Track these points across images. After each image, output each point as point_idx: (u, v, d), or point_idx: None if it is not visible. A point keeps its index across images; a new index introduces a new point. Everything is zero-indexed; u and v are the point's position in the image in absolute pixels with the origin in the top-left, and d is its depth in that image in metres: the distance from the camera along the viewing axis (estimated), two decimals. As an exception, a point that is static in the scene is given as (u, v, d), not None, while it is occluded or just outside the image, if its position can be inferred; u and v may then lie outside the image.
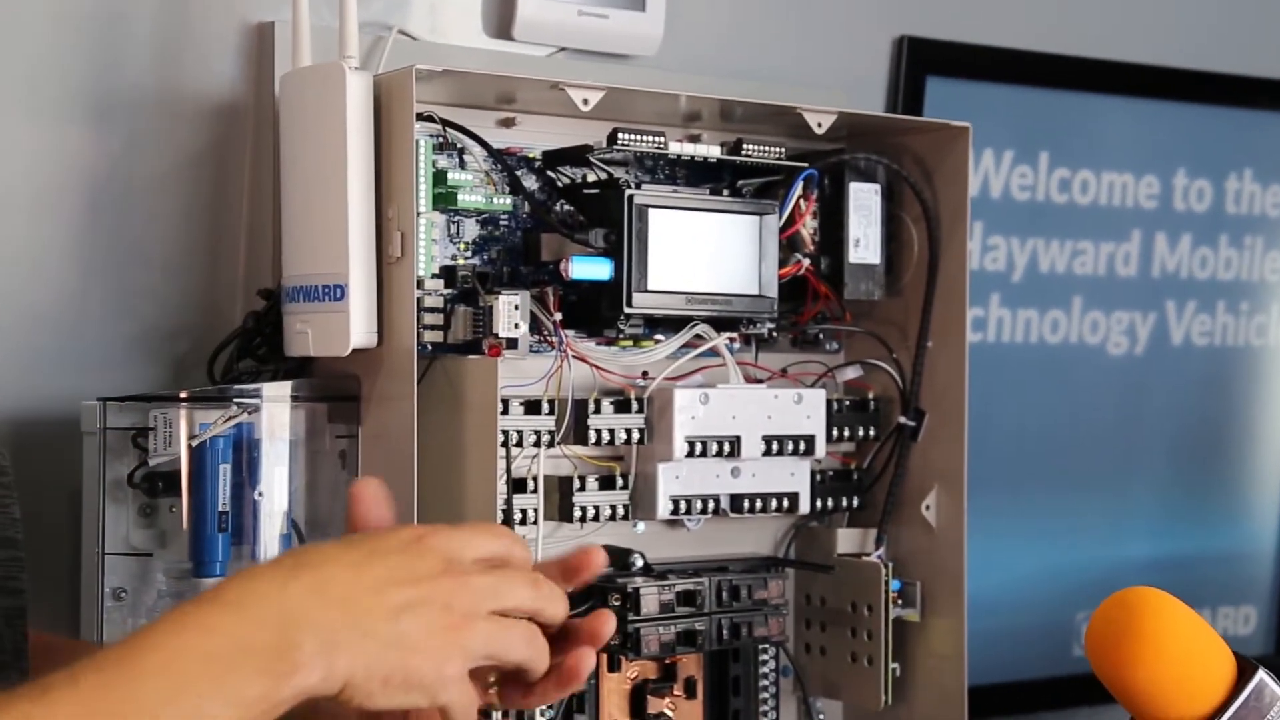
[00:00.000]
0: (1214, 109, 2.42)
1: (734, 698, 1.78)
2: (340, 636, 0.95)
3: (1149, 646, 1.09)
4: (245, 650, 0.93)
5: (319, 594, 0.97)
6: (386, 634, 0.97)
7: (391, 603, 0.98)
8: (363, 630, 0.96)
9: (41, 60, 1.61)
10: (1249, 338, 2.51)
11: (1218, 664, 1.10)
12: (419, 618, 0.98)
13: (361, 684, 0.95)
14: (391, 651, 0.97)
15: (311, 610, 0.96)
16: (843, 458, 1.84)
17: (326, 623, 0.95)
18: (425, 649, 0.97)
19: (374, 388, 1.56)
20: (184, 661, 0.92)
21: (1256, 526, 2.55)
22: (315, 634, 0.94)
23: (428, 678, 0.97)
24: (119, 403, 1.55)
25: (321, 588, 0.97)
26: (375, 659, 0.96)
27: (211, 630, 0.94)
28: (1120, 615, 1.11)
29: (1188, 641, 1.10)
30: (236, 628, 0.94)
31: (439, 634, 0.98)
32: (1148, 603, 1.11)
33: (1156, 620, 1.10)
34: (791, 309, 1.78)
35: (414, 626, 0.98)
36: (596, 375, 1.66)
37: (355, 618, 0.97)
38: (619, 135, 1.61)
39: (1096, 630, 1.12)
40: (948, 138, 1.79)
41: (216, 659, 0.93)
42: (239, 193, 1.69)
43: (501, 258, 1.64)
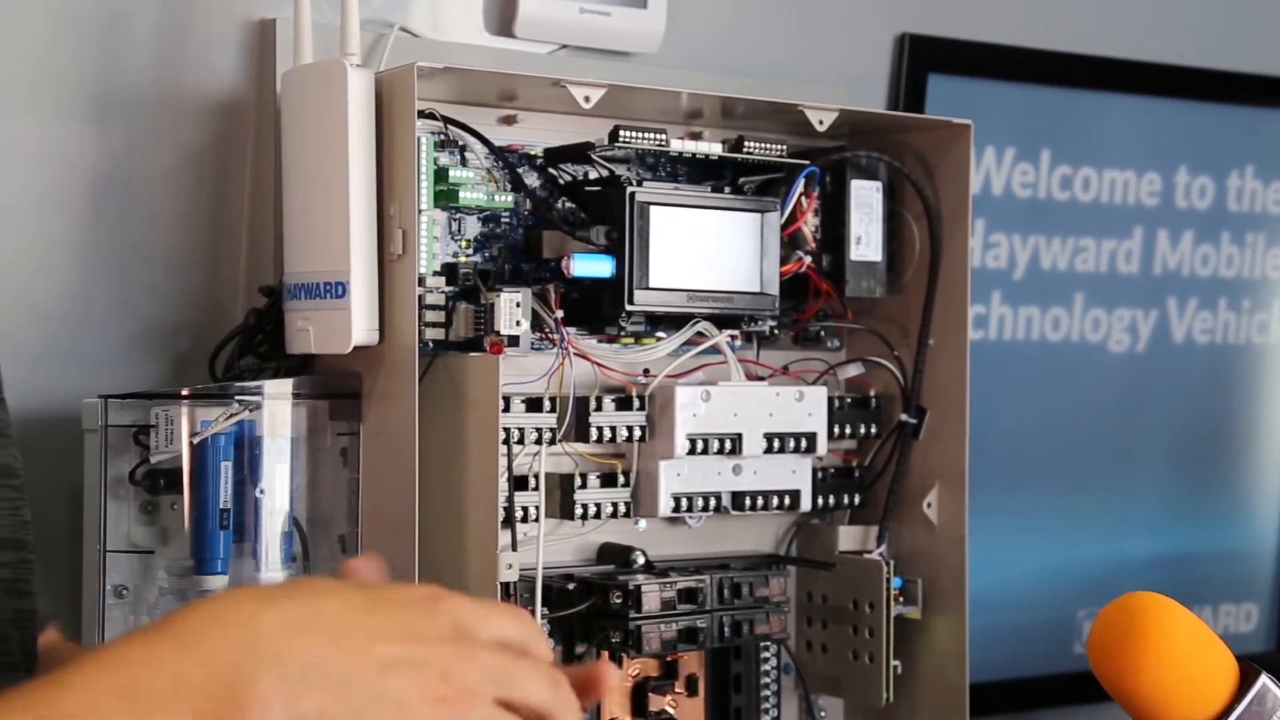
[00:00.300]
0: (1215, 106, 2.42)
1: (735, 695, 1.78)
2: (312, 676, 0.83)
3: (1151, 652, 1.09)
4: (184, 688, 0.81)
5: (295, 627, 0.85)
6: (369, 687, 0.84)
7: (382, 655, 0.86)
8: (342, 676, 0.84)
9: (43, 58, 1.61)
10: (1250, 335, 2.51)
11: (1220, 669, 1.10)
12: (411, 679, 0.85)
13: None
14: (372, 709, 0.84)
15: (281, 642, 0.84)
16: (844, 455, 1.84)
17: (296, 656, 0.83)
18: (412, 715, 0.85)
19: (375, 385, 1.56)
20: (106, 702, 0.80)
21: (1258, 524, 2.55)
22: (278, 668, 0.82)
23: None
24: (120, 400, 1.55)
25: (301, 621, 0.86)
26: (351, 712, 0.83)
27: (149, 663, 0.82)
28: (1122, 620, 1.11)
29: (1190, 646, 1.10)
30: (180, 660, 0.82)
31: (431, 703, 0.85)
32: (1150, 608, 1.11)
33: (1159, 625, 1.10)
34: (793, 306, 1.78)
35: (403, 687, 0.85)
36: (598, 373, 1.66)
37: (334, 659, 0.84)
38: (620, 132, 1.61)
39: (1099, 636, 1.12)
40: (949, 135, 1.79)
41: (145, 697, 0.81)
42: (240, 190, 1.69)
43: (503, 255, 1.64)
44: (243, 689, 0.81)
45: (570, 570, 1.67)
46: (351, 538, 1.58)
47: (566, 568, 1.68)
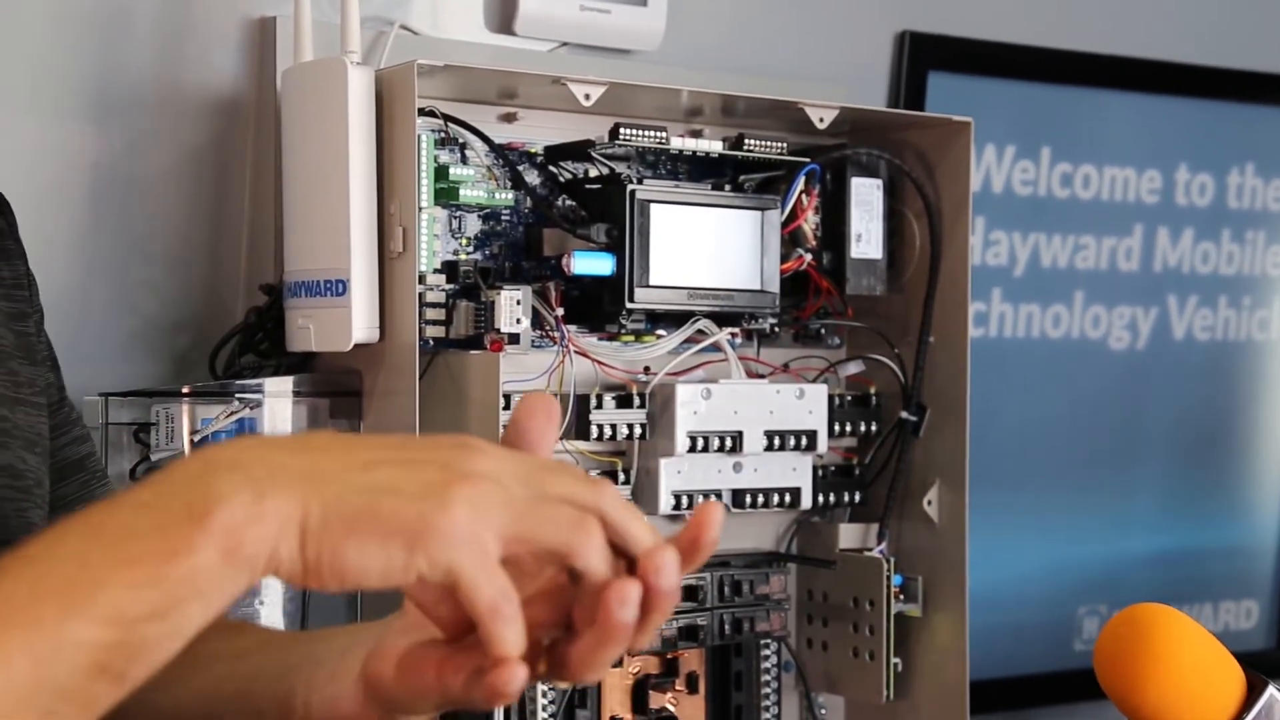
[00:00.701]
0: (1216, 104, 2.42)
1: (736, 693, 1.78)
2: (280, 475, 0.74)
3: (1159, 665, 1.09)
4: (148, 506, 0.74)
5: (266, 443, 0.79)
6: (351, 481, 0.75)
7: (369, 458, 0.76)
8: (316, 474, 0.75)
9: (43, 56, 1.61)
10: (1250, 332, 2.51)
11: (1227, 680, 1.10)
12: (403, 470, 0.76)
13: (317, 531, 0.73)
14: (360, 494, 0.74)
15: (246, 453, 0.76)
16: (844, 453, 1.84)
17: (264, 461, 0.75)
18: (408, 493, 0.74)
19: (376, 383, 1.56)
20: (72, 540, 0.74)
21: (1258, 521, 2.55)
22: (241, 470, 0.74)
23: (411, 522, 0.74)
24: (121, 398, 1.55)
25: (274, 440, 0.80)
26: (336, 498, 0.74)
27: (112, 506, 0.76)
28: (1129, 633, 1.11)
29: (1197, 658, 1.10)
30: (140, 493, 0.75)
31: (433, 485, 0.75)
32: (1157, 620, 1.11)
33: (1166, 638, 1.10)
34: (793, 304, 1.78)
35: (392, 475, 0.75)
36: (598, 370, 1.66)
37: (309, 461, 0.76)
38: (621, 130, 1.61)
39: (1105, 649, 1.12)
40: (949, 133, 1.79)
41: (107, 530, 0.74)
42: (241, 188, 1.69)
43: (503, 253, 1.64)
44: (203, 494, 0.73)
45: (571, 568, 1.67)
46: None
47: (567, 565, 1.67)
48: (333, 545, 0.74)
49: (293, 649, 0.97)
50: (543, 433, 0.84)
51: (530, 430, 0.84)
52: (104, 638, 0.72)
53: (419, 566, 0.74)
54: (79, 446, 1.17)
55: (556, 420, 0.85)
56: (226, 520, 0.73)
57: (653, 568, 0.77)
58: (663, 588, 0.78)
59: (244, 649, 1.00)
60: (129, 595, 0.72)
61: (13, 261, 1.16)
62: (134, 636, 0.72)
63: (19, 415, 1.08)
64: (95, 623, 0.72)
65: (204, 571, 0.73)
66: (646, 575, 0.77)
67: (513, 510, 0.75)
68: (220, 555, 0.73)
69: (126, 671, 0.73)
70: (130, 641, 0.72)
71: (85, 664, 0.72)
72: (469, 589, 0.74)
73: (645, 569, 0.77)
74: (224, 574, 0.73)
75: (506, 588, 0.75)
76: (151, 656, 0.73)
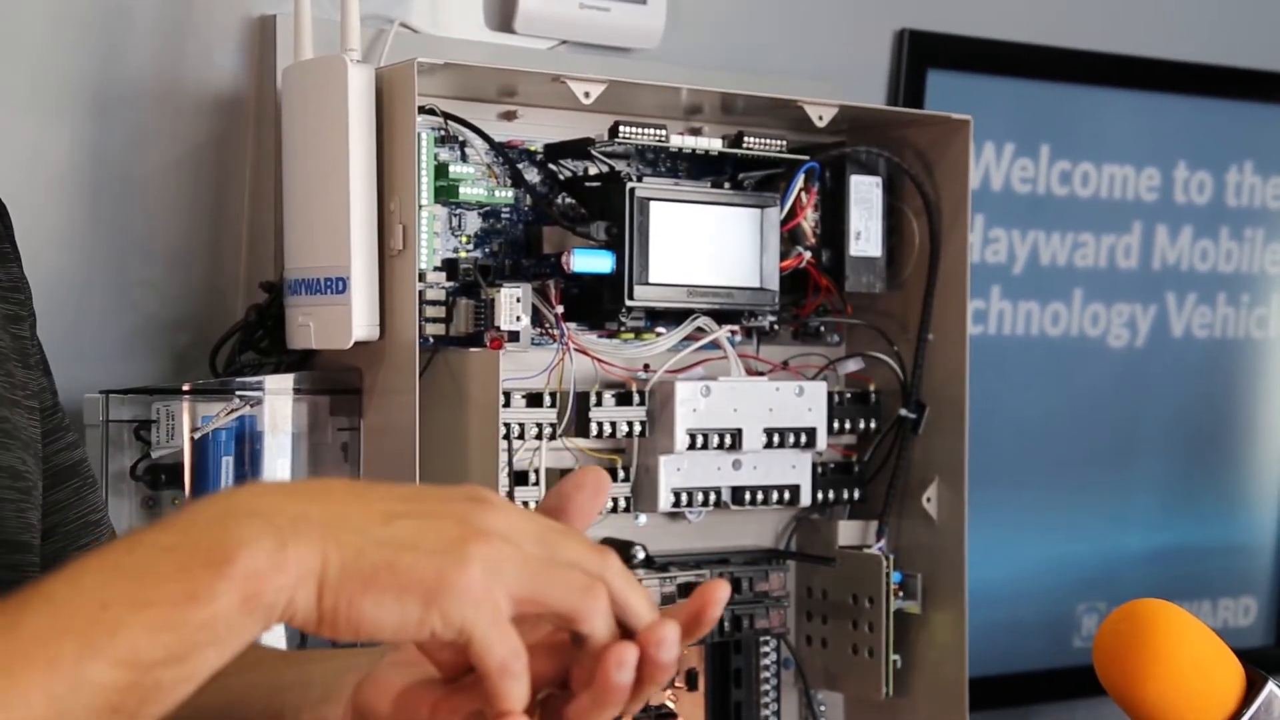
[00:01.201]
0: (1215, 101, 2.42)
1: (735, 690, 1.78)
2: (302, 525, 0.75)
3: (1158, 661, 1.09)
4: (169, 549, 0.74)
5: (289, 491, 0.79)
6: (371, 534, 0.76)
7: (388, 509, 0.77)
8: (337, 524, 0.76)
9: (43, 54, 1.61)
10: (1249, 330, 2.51)
11: (1226, 676, 1.10)
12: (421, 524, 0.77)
13: (335, 583, 0.74)
14: (379, 548, 0.75)
15: (270, 500, 0.76)
16: (844, 450, 1.85)
17: (287, 510, 0.75)
18: (425, 548, 0.75)
19: (376, 380, 1.56)
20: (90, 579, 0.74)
21: (1257, 518, 2.55)
22: (264, 518, 0.75)
23: (428, 579, 0.74)
24: (121, 395, 1.55)
25: (298, 488, 0.80)
26: (355, 551, 0.75)
27: (133, 544, 0.76)
28: (1128, 629, 1.11)
29: (1196, 654, 1.10)
30: (161, 535, 0.76)
31: (450, 541, 0.76)
32: (1156, 615, 1.11)
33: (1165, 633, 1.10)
34: (793, 302, 1.78)
35: (412, 530, 0.76)
36: (598, 368, 1.66)
37: (330, 512, 0.76)
38: (620, 128, 1.61)
39: (1104, 644, 1.12)
40: (949, 131, 1.79)
41: (127, 570, 0.74)
42: (241, 186, 1.69)
43: (503, 250, 1.64)
44: (225, 540, 0.74)
45: (570, 565, 1.67)
46: (352, 533, 1.58)
47: (567, 563, 1.67)
48: (349, 598, 0.74)
49: (285, 668, 0.98)
50: (586, 508, 0.85)
51: (574, 502, 0.85)
52: (119, 680, 0.72)
53: (433, 623, 0.75)
54: (72, 452, 1.17)
55: (602, 500, 0.86)
56: (249, 567, 0.73)
57: (654, 640, 0.79)
58: (661, 660, 0.79)
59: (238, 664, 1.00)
60: (146, 638, 0.73)
61: (8, 265, 1.15)
62: (148, 679, 0.73)
63: (18, 417, 1.08)
64: (112, 665, 0.72)
65: (223, 618, 0.73)
66: (647, 647, 0.79)
67: (526, 570, 0.77)
68: (240, 602, 0.73)
69: (139, 712, 0.74)
70: (144, 684, 0.73)
71: (100, 705, 0.72)
72: (481, 647, 0.75)
73: (646, 641, 0.79)
74: (241, 621, 0.74)
75: (517, 647, 0.76)
76: (164, 699, 0.74)
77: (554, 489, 0.86)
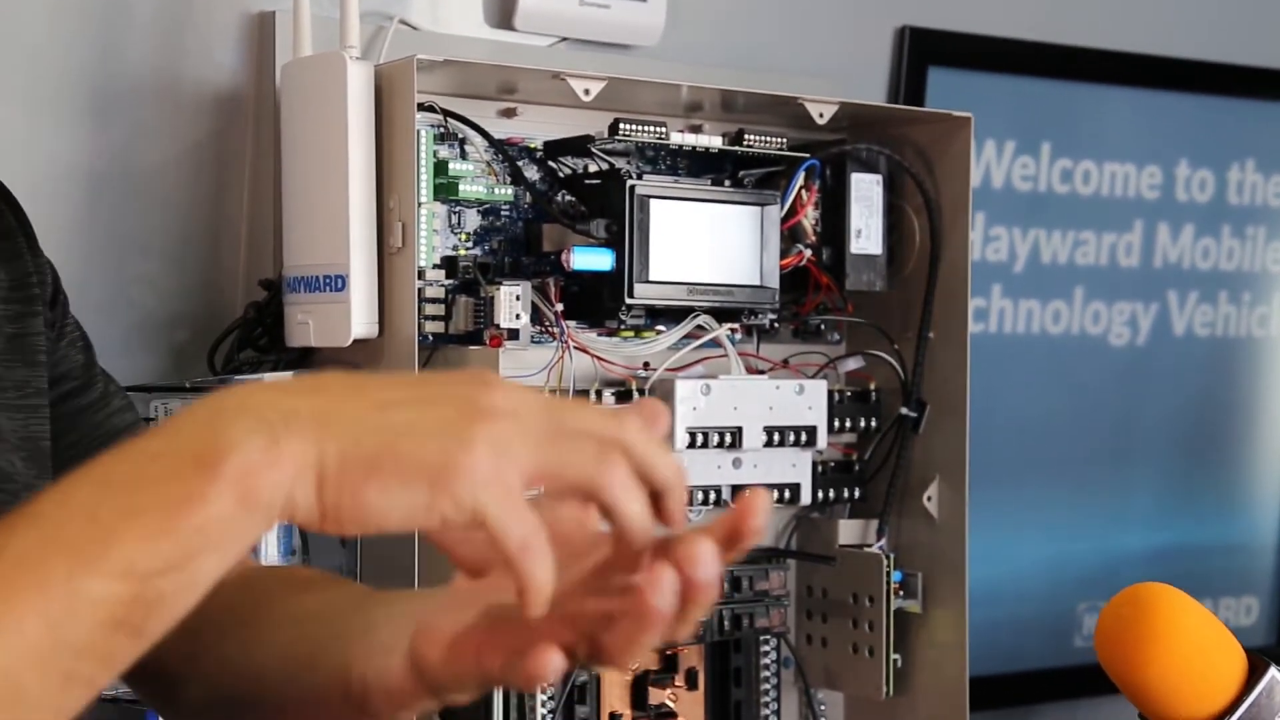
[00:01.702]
0: (1216, 99, 2.41)
1: (735, 689, 1.78)
2: (295, 419, 0.72)
3: (1160, 644, 1.09)
4: (158, 454, 0.72)
5: (282, 387, 0.75)
6: (367, 421, 0.73)
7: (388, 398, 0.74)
8: (332, 415, 0.73)
9: (42, 49, 1.61)
10: (1251, 328, 2.51)
11: (1229, 661, 1.10)
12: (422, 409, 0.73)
13: (335, 474, 0.71)
14: (378, 435, 0.72)
15: (262, 396, 0.74)
16: (844, 449, 1.84)
17: (280, 405, 0.73)
18: (427, 432, 0.72)
19: (375, 378, 1.56)
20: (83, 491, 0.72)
21: (1258, 517, 2.55)
22: (256, 414, 0.72)
23: (433, 461, 0.72)
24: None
25: (291, 383, 0.77)
26: (353, 440, 0.72)
27: (124, 452, 0.73)
28: (1131, 613, 1.10)
29: (1199, 638, 1.10)
30: (151, 441, 0.73)
31: (452, 423, 0.73)
32: (1158, 599, 1.11)
33: (1168, 617, 1.10)
34: (793, 300, 1.78)
35: (411, 415, 0.73)
36: (598, 366, 1.66)
37: (325, 403, 0.73)
38: (620, 125, 1.61)
39: (1107, 628, 1.11)
40: (949, 128, 1.78)
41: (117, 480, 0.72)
42: (240, 183, 1.69)
43: (503, 248, 1.64)
44: (215, 440, 0.71)
45: (570, 564, 1.67)
46: (351, 531, 1.58)
47: (566, 561, 1.67)
48: (353, 488, 0.72)
49: (352, 615, 0.95)
50: None
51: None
52: (118, 592, 0.70)
53: (443, 507, 0.72)
54: (123, 415, 1.16)
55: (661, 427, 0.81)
56: (240, 466, 0.71)
57: (687, 558, 0.75)
58: (698, 579, 0.75)
59: (309, 612, 0.98)
60: (141, 548, 0.70)
61: (18, 261, 1.15)
62: (149, 590, 0.70)
63: (10, 419, 1.08)
64: (108, 578, 0.70)
65: (218, 520, 0.71)
66: (682, 567, 0.75)
67: (534, 445, 0.73)
68: (235, 502, 0.71)
69: (144, 625, 0.71)
70: (145, 595, 0.70)
71: (101, 620, 0.70)
72: (497, 528, 0.72)
73: (680, 559, 0.75)
74: (239, 521, 0.71)
75: (535, 523, 0.73)
76: (169, 609, 0.72)
77: None
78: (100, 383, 1.17)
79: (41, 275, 1.16)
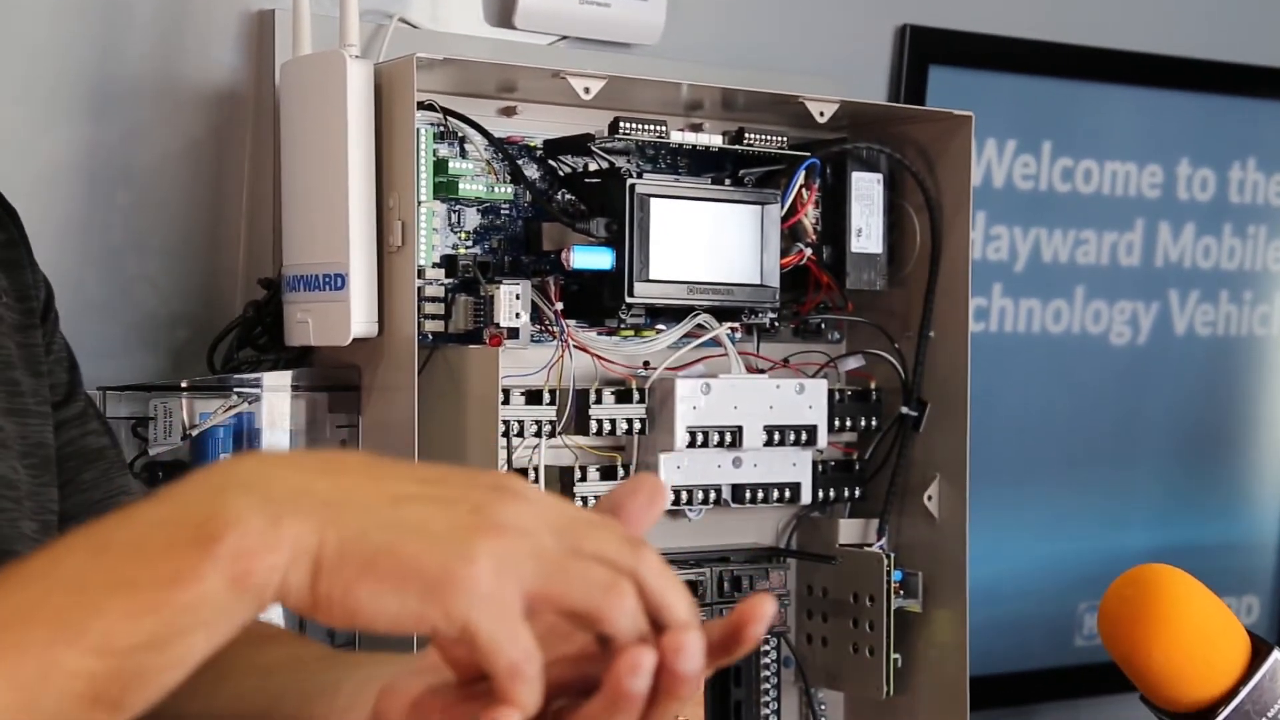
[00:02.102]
0: (1218, 98, 2.41)
1: (735, 688, 1.78)
2: (301, 500, 0.70)
3: (1164, 625, 1.08)
4: (157, 524, 0.71)
5: (293, 463, 0.74)
6: (375, 515, 0.71)
7: (399, 490, 0.72)
8: (338, 501, 0.71)
9: (41, 48, 1.60)
10: (1252, 327, 2.50)
11: (1232, 643, 1.09)
12: (432, 508, 0.71)
13: (332, 565, 0.69)
14: (382, 532, 0.70)
15: (270, 471, 0.72)
16: (844, 448, 1.84)
17: (286, 483, 0.71)
18: (433, 535, 0.70)
19: (375, 377, 1.56)
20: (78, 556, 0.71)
21: (1259, 516, 2.54)
22: (260, 490, 0.70)
23: (431, 569, 0.69)
24: (119, 392, 1.54)
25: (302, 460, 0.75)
26: (356, 532, 0.70)
27: (125, 518, 0.72)
28: (1134, 593, 1.10)
29: (1202, 620, 1.09)
30: (155, 509, 0.71)
31: (459, 531, 0.70)
32: (1162, 580, 1.10)
33: (1172, 598, 1.09)
34: (793, 299, 1.77)
35: (421, 513, 0.71)
36: (598, 365, 1.65)
37: (333, 488, 0.71)
38: (620, 124, 1.61)
39: (1110, 608, 1.11)
40: (950, 127, 1.78)
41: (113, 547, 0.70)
42: (239, 181, 1.69)
43: (502, 247, 1.64)
44: (216, 515, 0.69)
45: (570, 563, 1.67)
46: (350, 530, 1.58)
47: (566, 560, 1.67)
48: (345, 584, 0.70)
49: (317, 673, 0.95)
50: (640, 516, 0.79)
51: (627, 509, 0.79)
52: (95, 667, 0.69)
53: (434, 619, 0.70)
54: (99, 438, 1.16)
55: (659, 509, 0.79)
56: (237, 545, 0.69)
57: (672, 647, 0.73)
58: (679, 671, 0.73)
59: (273, 664, 0.98)
60: (125, 624, 0.69)
61: (18, 271, 1.15)
62: (129, 665, 0.69)
63: (14, 425, 1.07)
64: (86, 652, 0.68)
65: (209, 600, 0.69)
66: (665, 654, 0.72)
67: (542, 565, 0.71)
68: (227, 583, 0.69)
69: (123, 700, 0.70)
70: (125, 670, 0.69)
71: (77, 692, 0.69)
72: (488, 648, 0.70)
73: (665, 646, 0.72)
74: (230, 602, 0.69)
75: (529, 648, 0.70)
76: (150, 686, 0.70)
77: (608, 494, 0.80)
78: (81, 402, 1.17)
79: (38, 290, 1.16)
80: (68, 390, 1.17)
